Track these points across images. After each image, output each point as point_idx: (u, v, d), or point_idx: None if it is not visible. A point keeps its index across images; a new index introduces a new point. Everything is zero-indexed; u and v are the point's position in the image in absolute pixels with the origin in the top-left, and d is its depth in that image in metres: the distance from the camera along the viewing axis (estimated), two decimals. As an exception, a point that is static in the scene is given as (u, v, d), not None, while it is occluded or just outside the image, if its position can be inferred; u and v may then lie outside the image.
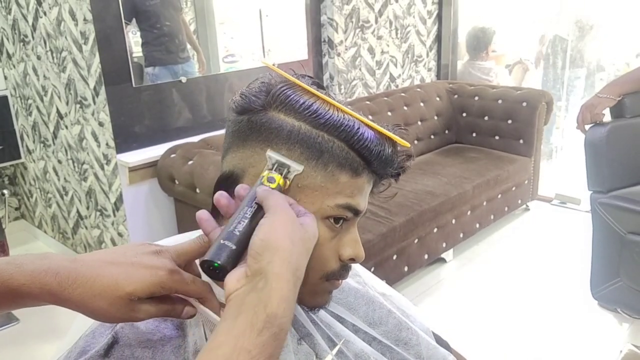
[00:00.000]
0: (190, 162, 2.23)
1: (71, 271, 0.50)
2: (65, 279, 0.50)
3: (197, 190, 2.18)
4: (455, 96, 3.59)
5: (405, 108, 3.32)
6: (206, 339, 0.60)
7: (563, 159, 4.44)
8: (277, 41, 2.91)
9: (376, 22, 3.29)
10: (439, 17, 3.77)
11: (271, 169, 0.57)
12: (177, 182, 2.28)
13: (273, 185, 0.55)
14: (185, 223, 2.46)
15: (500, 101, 3.39)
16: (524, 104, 3.28)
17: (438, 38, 3.81)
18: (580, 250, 2.50)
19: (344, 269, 0.63)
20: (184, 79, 2.51)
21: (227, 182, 0.60)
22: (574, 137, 4.00)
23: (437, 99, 3.53)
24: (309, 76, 0.63)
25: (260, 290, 0.45)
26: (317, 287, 0.62)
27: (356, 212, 0.61)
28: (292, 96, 0.59)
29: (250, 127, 0.59)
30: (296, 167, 0.57)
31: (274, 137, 0.58)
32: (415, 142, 3.36)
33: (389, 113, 3.20)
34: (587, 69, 4.53)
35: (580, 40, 4.43)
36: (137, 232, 2.46)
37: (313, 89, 0.61)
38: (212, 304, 0.56)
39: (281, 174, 0.56)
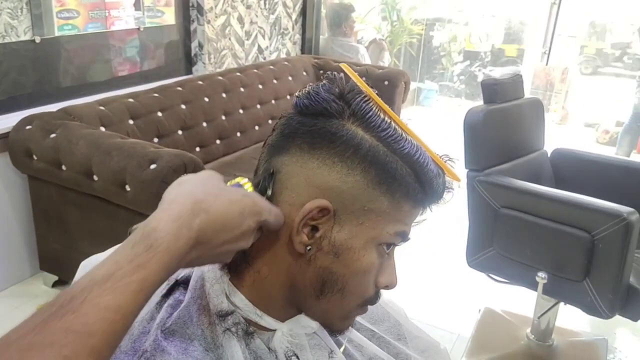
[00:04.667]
0: (52, 135, 1.96)
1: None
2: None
3: (64, 167, 1.93)
4: (321, 71, 3.63)
5: (275, 81, 3.28)
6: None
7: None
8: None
9: (246, -10, 3.18)
10: (304, -11, 3.77)
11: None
12: (35, 157, 1.99)
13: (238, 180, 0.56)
14: (42, 203, 2.17)
15: (364, 79, 3.49)
16: (386, 82, 3.45)
17: (303, 11, 3.81)
18: (458, 223, 2.69)
19: (376, 295, 0.61)
20: (38, 39, 2.18)
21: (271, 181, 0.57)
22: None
23: (304, 73, 3.55)
24: (369, 84, 0.57)
25: (153, 213, 0.47)
26: (351, 312, 0.61)
27: (406, 240, 0.60)
28: (372, 111, 0.55)
29: (321, 135, 0.54)
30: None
31: (350, 154, 0.54)
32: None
33: (260, 86, 3.14)
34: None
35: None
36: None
37: (387, 107, 0.56)
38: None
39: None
